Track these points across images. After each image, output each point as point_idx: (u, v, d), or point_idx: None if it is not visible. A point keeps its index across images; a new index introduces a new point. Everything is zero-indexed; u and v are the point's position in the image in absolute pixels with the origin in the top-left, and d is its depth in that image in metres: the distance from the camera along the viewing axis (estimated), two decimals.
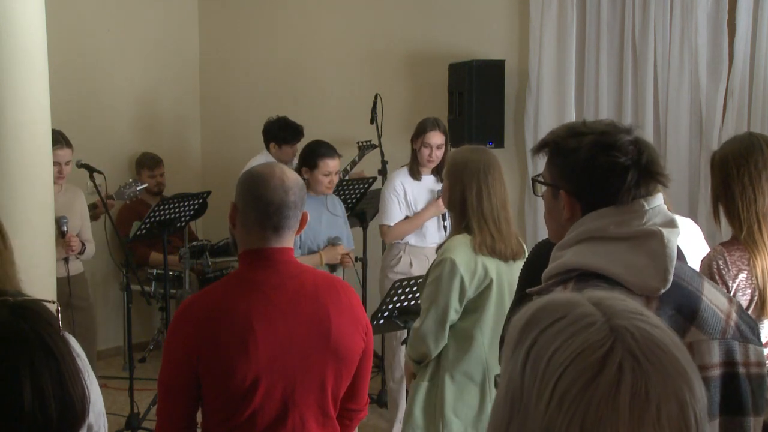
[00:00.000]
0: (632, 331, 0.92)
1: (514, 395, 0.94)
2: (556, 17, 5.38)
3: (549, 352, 0.92)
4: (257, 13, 7.07)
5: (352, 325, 2.32)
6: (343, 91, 6.56)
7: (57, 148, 4.49)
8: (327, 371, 2.26)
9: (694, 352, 1.63)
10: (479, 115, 5.56)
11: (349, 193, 5.58)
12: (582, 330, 0.92)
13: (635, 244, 1.66)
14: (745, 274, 2.67)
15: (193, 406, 2.24)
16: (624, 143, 1.71)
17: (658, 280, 1.63)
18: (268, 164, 2.40)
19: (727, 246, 2.71)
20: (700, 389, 0.93)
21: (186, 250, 5.88)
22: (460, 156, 3.31)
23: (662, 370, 0.90)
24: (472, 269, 3.18)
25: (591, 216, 1.71)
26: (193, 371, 2.17)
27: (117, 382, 5.89)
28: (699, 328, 1.66)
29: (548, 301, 0.99)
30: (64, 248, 4.54)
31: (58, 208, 4.51)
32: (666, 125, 4.99)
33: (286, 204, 2.24)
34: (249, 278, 2.25)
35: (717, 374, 1.65)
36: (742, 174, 2.68)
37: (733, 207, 2.71)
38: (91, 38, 6.60)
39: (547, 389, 0.91)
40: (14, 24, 3.49)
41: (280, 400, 2.21)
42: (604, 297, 0.97)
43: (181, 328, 2.22)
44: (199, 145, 7.48)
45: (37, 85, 3.62)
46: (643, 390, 0.89)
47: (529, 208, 5.63)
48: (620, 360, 0.89)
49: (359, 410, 2.45)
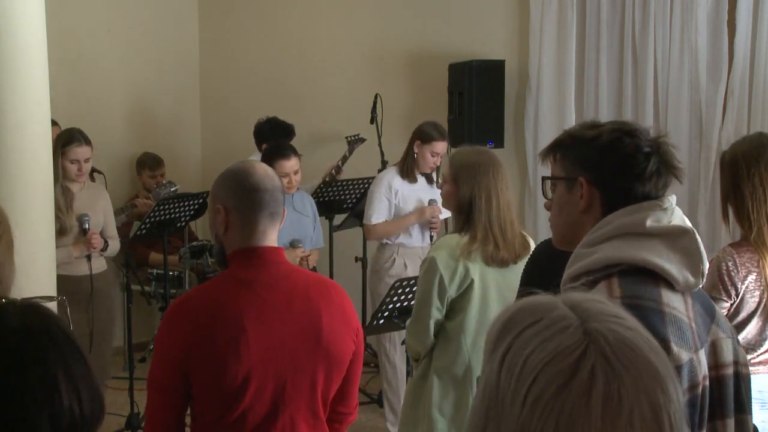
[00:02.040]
0: (606, 334, 0.92)
1: (491, 398, 0.95)
2: (556, 17, 5.38)
3: (524, 355, 0.93)
4: (257, 13, 7.06)
5: (344, 326, 2.31)
6: (343, 91, 6.55)
7: (75, 146, 4.50)
8: (317, 372, 2.25)
9: (716, 350, 1.65)
10: (479, 115, 5.56)
11: (349, 193, 5.58)
12: (557, 333, 0.92)
13: (669, 241, 1.66)
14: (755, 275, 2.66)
15: (183, 406, 2.23)
16: (644, 131, 1.73)
17: (696, 275, 1.64)
18: (239, 162, 2.41)
19: (736, 247, 2.69)
20: (675, 392, 0.92)
21: (186, 250, 5.88)
22: (466, 158, 3.26)
23: (635, 373, 0.90)
24: (452, 268, 3.17)
25: (622, 212, 1.70)
26: (184, 370, 2.15)
27: (117, 382, 5.88)
28: (719, 326, 1.68)
29: (525, 304, 0.99)
30: (86, 246, 4.53)
31: (80, 205, 4.55)
32: (666, 125, 4.99)
33: (277, 188, 2.28)
34: (241, 277, 2.24)
35: (731, 372, 1.67)
36: (753, 174, 2.66)
37: (742, 208, 2.69)
38: (91, 38, 6.60)
39: (521, 392, 0.91)
40: (14, 24, 3.49)
41: (271, 399, 2.20)
42: (581, 299, 0.97)
43: (173, 327, 2.21)
44: (199, 145, 7.48)
45: (37, 85, 3.62)
46: (615, 393, 0.89)
47: (529, 208, 5.63)
48: (593, 363, 0.90)
49: (349, 413, 2.44)
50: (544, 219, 5.46)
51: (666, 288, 1.62)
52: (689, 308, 1.63)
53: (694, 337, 1.59)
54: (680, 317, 1.59)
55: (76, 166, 4.52)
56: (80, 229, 4.52)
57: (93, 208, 4.63)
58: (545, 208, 1.90)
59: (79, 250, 4.52)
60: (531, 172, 5.57)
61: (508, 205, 3.23)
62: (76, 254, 4.50)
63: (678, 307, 1.60)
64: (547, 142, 1.91)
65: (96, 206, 4.67)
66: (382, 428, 5.18)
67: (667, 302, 1.60)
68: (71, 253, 4.48)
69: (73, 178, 4.54)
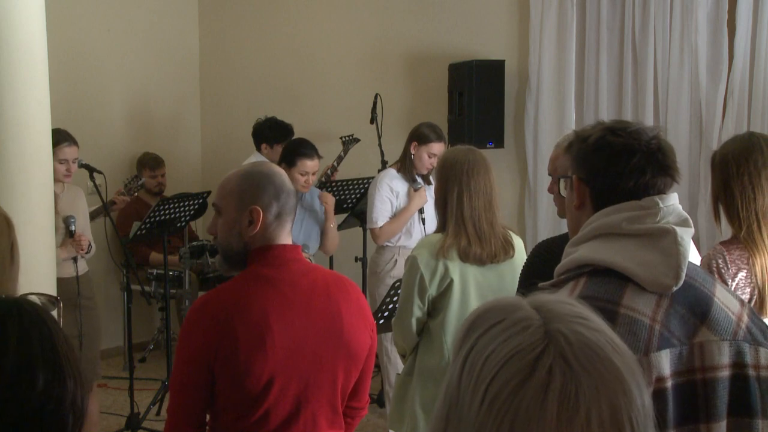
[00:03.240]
0: (567, 335, 0.91)
1: (452, 399, 0.94)
2: (556, 17, 5.38)
3: (484, 355, 0.92)
4: (257, 14, 7.07)
5: (362, 321, 2.34)
6: (343, 91, 6.56)
7: (65, 146, 4.49)
8: (338, 368, 2.27)
9: (704, 352, 1.64)
10: (479, 115, 5.56)
11: (349, 193, 5.58)
12: (518, 333, 0.92)
13: (648, 241, 1.67)
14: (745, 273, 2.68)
15: (205, 406, 2.22)
16: (636, 130, 1.75)
17: (671, 277, 1.64)
18: (252, 164, 2.43)
19: (726, 245, 2.72)
20: (639, 395, 0.91)
21: (186, 250, 5.88)
22: (447, 157, 3.33)
23: (594, 375, 0.89)
24: (432, 267, 3.19)
25: (603, 212, 1.73)
26: (208, 369, 2.15)
27: (117, 382, 5.90)
28: (710, 329, 1.66)
29: (491, 305, 0.99)
30: (74, 247, 4.52)
31: (64, 207, 4.51)
32: (666, 125, 4.99)
33: (294, 192, 2.34)
34: (264, 275, 2.23)
35: (726, 375, 1.65)
36: (742, 173, 2.69)
37: (732, 206, 2.72)
38: (91, 38, 6.60)
39: (479, 392, 0.90)
40: (14, 24, 3.49)
41: (294, 398, 2.21)
42: (546, 301, 0.97)
43: (198, 326, 2.18)
44: (199, 145, 7.48)
45: (37, 85, 3.62)
46: (572, 394, 0.88)
47: (529, 208, 5.63)
48: (551, 363, 0.89)
49: (361, 408, 2.46)
50: (544, 219, 5.50)
51: (635, 289, 1.63)
52: (660, 310, 1.63)
53: (652, 339, 1.58)
54: (638, 319, 1.59)
55: (64, 167, 4.52)
56: (67, 231, 4.50)
57: (75, 210, 4.62)
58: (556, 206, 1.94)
59: (66, 251, 4.49)
60: (531, 172, 5.57)
61: (488, 205, 3.21)
62: (64, 256, 4.46)
63: (640, 309, 1.60)
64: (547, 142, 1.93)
65: (77, 208, 4.66)
66: (382, 428, 5.19)
67: (628, 303, 1.61)
68: (58, 255, 4.46)
69: (61, 178, 4.51)
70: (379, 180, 4.92)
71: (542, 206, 5.46)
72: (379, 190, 4.87)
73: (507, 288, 3.19)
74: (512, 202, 5.68)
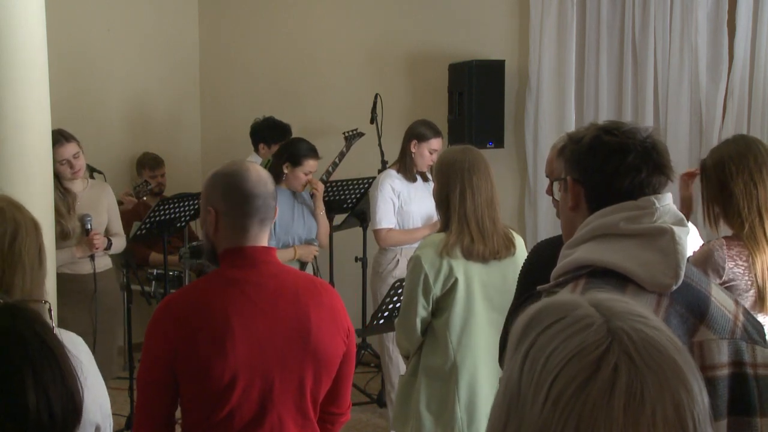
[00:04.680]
0: (629, 333, 0.91)
1: (512, 396, 0.94)
2: (556, 17, 5.38)
3: (546, 352, 0.92)
4: (257, 13, 7.07)
5: (333, 327, 2.30)
6: (343, 91, 6.56)
7: (57, 147, 4.45)
8: (306, 372, 2.25)
9: (704, 351, 1.65)
10: (479, 115, 5.56)
11: (349, 193, 5.58)
12: (580, 331, 0.92)
13: (646, 241, 1.68)
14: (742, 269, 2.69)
15: (171, 404, 2.23)
16: (630, 130, 1.75)
17: (670, 276, 1.64)
18: (232, 162, 2.39)
19: (728, 240, 2.75)
20: (699, 392, 0.92)
21: (186, 250, 5.87)
22: (445, 157, 3.34)
23: (658, 372, 0.90)
24: (437, 267, 3.19)
25: (600, 213, 1.73)
26: (170, 368, 2.16)
27: (117, 382, 5.88)
28: (709, 328, 1.67)
29: (549, 303, 0.99)
30: (88, 246, 4.53)
31: (84, 205, 4.53)
32: (666, 125, 4.99)
33: (269, 194, 2.28)
34: (229, 276, 2.24)
35: (726, 374, 1.65)
36: (742, 171, 2.70)
37: (731, 206, 2.73)
38: (90, 37, 6.61)
39: (542, 390, 0.90)
40: (14, 24, 3.49)
41: (258, 399, 2.20)
42: (605, 299, 0.97)
43: (160, 325, 2.21)
44: (199, 145, 7.48)
45: (37, 85, 3.62)
46: (638, 391, 0.88)
47: (529, 208, 5.63)
48: (616, 361, 0.89)
49: (341, 414, 2.44)
50: (544, 219, 5.50)
51: (635, 289, 1.64)
52: (661, 309, 1.63)
53: None
54: None
55: (66, 166, 4.51)
56: (83, 230, 4.51)
57: (97, 207, 4.61)
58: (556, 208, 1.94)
59: (81, 250, 4.52)
60: (531, 172, 5.57)
61: (489, 202, 3.23)
62: (79, 255, 4.50)
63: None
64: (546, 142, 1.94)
65: (100, 205, 4.66)
66: (382, 428, 5.19)
67: None
68: (74, 254, 4.48)
69: (69, 177, 4.51)
70: (381, 181, 4.93)
71: (542, 206, 5.46)
72: (381, 191, 4.88)
73: (511, 287, 3.19)
74: (512, 202, 5.68)
